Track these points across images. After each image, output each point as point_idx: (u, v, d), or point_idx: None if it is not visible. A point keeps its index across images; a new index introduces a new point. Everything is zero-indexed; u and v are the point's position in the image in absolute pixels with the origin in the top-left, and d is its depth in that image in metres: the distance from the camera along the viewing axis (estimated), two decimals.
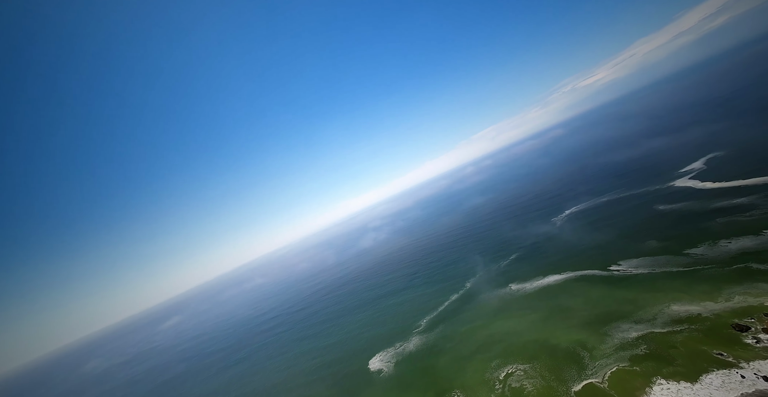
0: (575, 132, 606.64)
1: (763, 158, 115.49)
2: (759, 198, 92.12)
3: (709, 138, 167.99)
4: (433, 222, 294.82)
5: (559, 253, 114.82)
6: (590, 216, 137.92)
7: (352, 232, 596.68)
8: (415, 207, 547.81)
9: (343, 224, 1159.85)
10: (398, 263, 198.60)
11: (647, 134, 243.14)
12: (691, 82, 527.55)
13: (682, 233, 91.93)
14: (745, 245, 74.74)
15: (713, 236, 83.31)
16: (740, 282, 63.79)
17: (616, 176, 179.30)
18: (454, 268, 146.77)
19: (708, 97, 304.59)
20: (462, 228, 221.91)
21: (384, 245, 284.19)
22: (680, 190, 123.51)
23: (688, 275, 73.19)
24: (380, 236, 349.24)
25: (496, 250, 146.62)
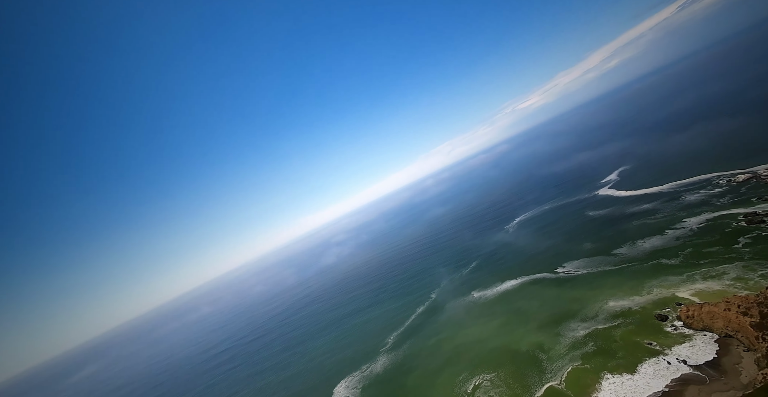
0: (519, 147, 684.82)
1: (659, 170, 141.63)
2: (660, 203, 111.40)
3: (619, 153, 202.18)
4: (397, 234, 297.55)
5: (514, 259, 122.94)
6: (537, 223, 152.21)
7: (315, 248, 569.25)
8: (379, 219, 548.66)
9: (305, 240, 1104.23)
10: (363, 279, 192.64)
11: (575, 149, 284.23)
12: (599, 108, 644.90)
13: (609, 236, 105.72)
14: (655, 243, 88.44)
15: (632, 237, 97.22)
16: (656, 276, 74.43)
17: (554, 186, 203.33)
18: (420, 279, 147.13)
19: (613, 120, 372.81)
20: (425, 239, 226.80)
21: (348, 260, 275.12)
22: (603, 198, 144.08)
23: (617, 272, 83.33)
24: (344, 250, 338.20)
25: (457, 259, 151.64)
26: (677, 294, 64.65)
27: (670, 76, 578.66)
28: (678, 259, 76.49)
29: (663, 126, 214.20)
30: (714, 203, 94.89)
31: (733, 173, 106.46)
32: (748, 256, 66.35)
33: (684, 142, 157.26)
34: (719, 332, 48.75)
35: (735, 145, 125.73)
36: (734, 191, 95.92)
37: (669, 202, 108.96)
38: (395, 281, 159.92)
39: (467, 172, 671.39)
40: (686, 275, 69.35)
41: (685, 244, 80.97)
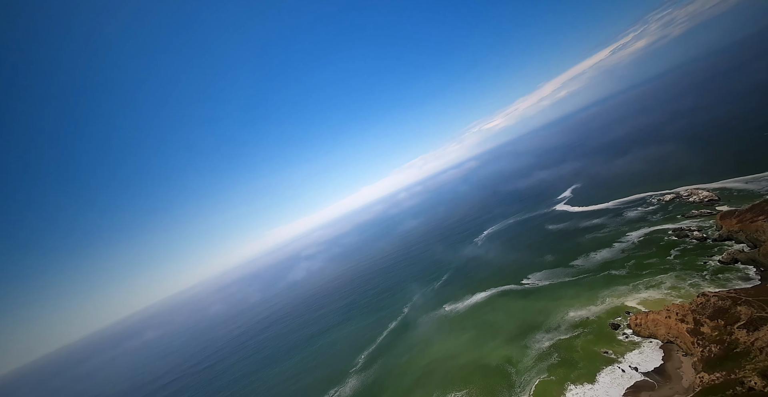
0: (486, 164, 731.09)
1: (604, 189, 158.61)
2: (607, 219, 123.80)
3: (571, 173, 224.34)
4: (370, 247, 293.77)
5: (483, 271, 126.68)
6: (503, 236, 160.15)
7: (283, 262, 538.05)
8: (352, 232, 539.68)
9: (273, 254, 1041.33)
10: (334, 294, 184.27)
11: (534, 168, 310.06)
12: (553, 132, 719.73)
13: (566, 248, 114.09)
14: (605, 256, 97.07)
15: (585, 250, 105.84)
16: (607, 286, 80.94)
17: (518, 201, 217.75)
18: (392, 294, 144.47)
19: (564, 143, 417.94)
20: (397, 252, 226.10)
21: (318, 275, 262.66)
22: (560, 213, 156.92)
23: (575, 283, 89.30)
24: (314, 265, 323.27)
25: (430, 272, 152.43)
26: (626, 303, 70.53)
27: (608, 107, 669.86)
28: (624, 270, 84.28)
29: (605, 150, 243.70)
30: (649, 218, 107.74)
31: (662, 193, 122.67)
32: (679, 267, 75.25)
33: (623, 165, 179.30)
34: (662, 339, 53.48)
35: (662, 169, 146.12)
36: (664, 209, 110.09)
37: (614, 217, 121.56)
38: (367, 296, 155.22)
39: (439, 186, 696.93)
40: (632, 285, 76.31)
41: (629, 256, 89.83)
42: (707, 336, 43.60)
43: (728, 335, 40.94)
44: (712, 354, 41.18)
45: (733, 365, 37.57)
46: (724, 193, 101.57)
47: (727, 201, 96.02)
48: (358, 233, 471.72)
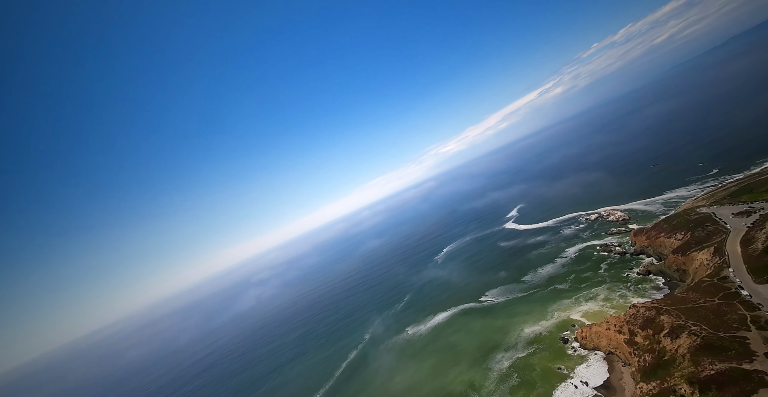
0: (443, 184, 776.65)
1: (545, 208, 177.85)
2: (549, 236, 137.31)
3: (517, 193, 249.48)
4: (330, 269, 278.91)
5: (444, 290, 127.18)
6: (462, 254, 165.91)
7: (229, 289, 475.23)
8: (311, 253, 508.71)
9: (217, 280, 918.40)
10: (287, 324, 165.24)
11: (486, 189, 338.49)
12: (499, 158, 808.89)
13: (517, 264, 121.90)
14: (550, 271, 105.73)
15: (533, 266, 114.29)
16: (555, 300, 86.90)
17: (474, 220, 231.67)
18: (353, 320, 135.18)
19: (509, 167, 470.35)
20: (359, 274, 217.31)
21: (271, 303, 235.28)
22: (510, 231, 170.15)
23: (527, 299, 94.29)
24: (266, 291, 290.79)
25: (392, 294, 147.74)
26: (571, 316, 75.86)
27: (540, 139, 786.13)
28: (567, 284, 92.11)
29: (542, 175, 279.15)
30: (581, 236, 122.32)
31: (588, 213, 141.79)
32: (609, 279, 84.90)
33: (557, 188, 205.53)
34: (605, 350, 57.64)
35: (586, 193, 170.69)
36: (591, 227, 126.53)
37: (554, 234, 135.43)
38: (325, 324, 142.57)
39: (400, 205, 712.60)
40: (574, 298, 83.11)
41: (569, 271, 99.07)
42: (641, 346, 48.01)
43: (657, 344, 45.56)
44: (646, 363, 45.01)
45: (664, 373, 41.27)
46: (632, 214, 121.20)
47: (635, 220, 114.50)
48: (317, 254, 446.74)
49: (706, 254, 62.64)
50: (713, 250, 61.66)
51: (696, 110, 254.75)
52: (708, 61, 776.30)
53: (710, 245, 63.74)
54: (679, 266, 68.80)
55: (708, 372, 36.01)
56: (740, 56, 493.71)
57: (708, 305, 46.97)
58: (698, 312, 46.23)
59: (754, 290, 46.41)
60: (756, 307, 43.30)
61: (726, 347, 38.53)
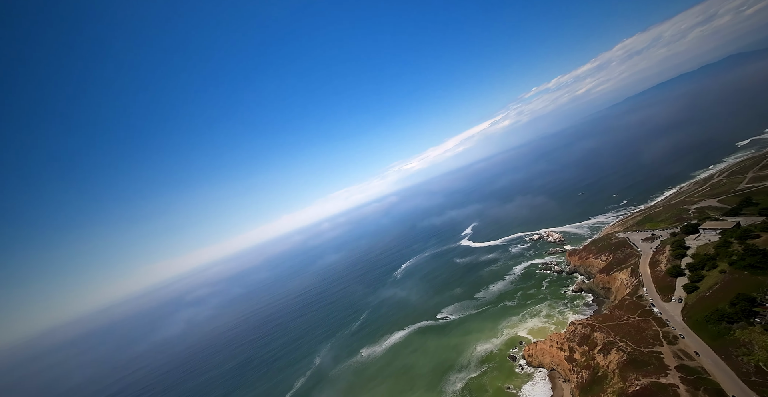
0: (405, 200, 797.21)
1: (497, 227, 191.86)
2: (499, 253, 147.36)
3: (472, 212, 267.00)
4: (282, 286, 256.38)
5: (401, 308, 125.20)
6: (419, 270, 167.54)
7: (155, 310, 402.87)
8: (262, 267, 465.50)
9: (142, 298, 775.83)
10: (224, 352, 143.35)
11: (446, 207, 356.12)
12: (457, 178, 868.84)
13: (471, 281, 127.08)
14: (500, 287, 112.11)
15: (485, 282, 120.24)
16: (504, 317, 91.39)
17: (432, 236, 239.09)
18: (302, 343, 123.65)
19: (465, 187, 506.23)
20: (313, 291, 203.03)
21: (206, 326, 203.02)
22: (464, 247, 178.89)
23: (480, 316, 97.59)
24: (201, 312, 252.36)
25: (347, 313, 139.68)
26: (519, 333, 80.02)
27: (491, 164, 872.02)
28: (515, 301, 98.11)
29: (494, 196, 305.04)
30: (526, 254, 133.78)
31: (531, 233, 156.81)
32: (549, 296, 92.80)
33: (507, 209, 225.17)
34: (548, 367, 61.13)
35: (530, 214, 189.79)
36: (534, 246, 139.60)
37: (503, 252, 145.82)
38: (270, 349, 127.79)
39: (362, 218, 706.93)
40: (521, 315, 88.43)
41: (516, 288, 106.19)
42: (579, 362, 51.90)
43: (592, 360, 49.69)
44: (583, 380, 48.47)
45: (598, 389, 44.71)
46: (566, 235, 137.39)
47: (569, 241, 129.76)
48: (269, 268, 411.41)
49: (625, 274, 72.57)
50: (630, 271, 71.81)
51: (609, 150, 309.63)
52: (612, 112, 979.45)
53: (628, 267, 74.25)
54: (605, 284, 78.40)
55: (634, 388, 39.84)
56: (633, 112, 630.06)
57: (630, 322, 53.43)
58: (623, 329, 52.15)
59: (662, 308, 54.45)
60: (665, 323, 50.52)
61: (646, 362, 43.49)
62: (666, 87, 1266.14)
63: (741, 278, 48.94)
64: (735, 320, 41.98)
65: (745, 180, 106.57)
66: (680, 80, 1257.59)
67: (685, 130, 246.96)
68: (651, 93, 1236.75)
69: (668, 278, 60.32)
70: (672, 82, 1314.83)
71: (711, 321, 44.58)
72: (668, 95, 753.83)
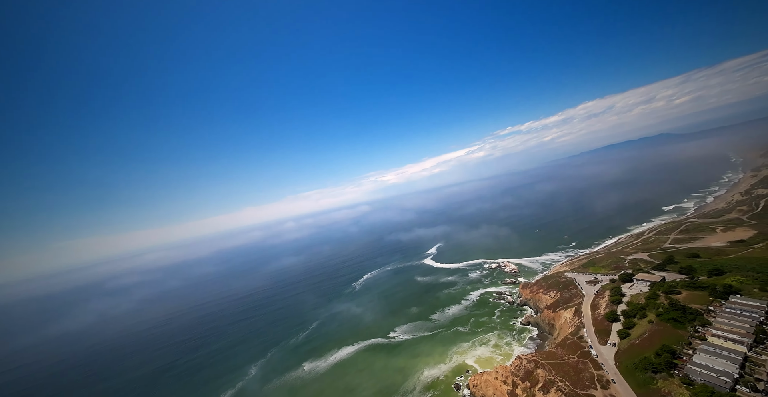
0: (376, 210, 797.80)
1: (460, 251, 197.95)
2: (458, 277, 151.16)
3: (439, 233, 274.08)
4: (227, 284, 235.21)
5: (356, 322, 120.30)
6: (379, 283, 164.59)
7: (65, 294, 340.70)
8: (210, 260, 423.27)
9: (52, 279, 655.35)
10: (139, 355, 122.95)
11: (416, 224, 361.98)
12: (429, 197, 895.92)
13: (428, 301, 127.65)
14: (455, 311, 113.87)
15: (442, 304, 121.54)
16: (455, 342, 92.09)
17: (397, 251, 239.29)
18: (238, 350, 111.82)
19: (436, 208, 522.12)
20: (262, 294, 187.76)
21: (122, 322, 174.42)
22: (427, 266, 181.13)
23: (431, 338, 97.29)
24: (121, 304, 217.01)
25: (296, 321, 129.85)
26: (466, 361, 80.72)
27: (463, 189, 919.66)
28: (467, 327, 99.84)
29: (461, 221, 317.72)
30: (483, 281, 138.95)
31: (491, 261, 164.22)
32: (499, 326, 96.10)
33: (472, 235, 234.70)
34: None
35: (492, 243, 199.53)
36: (491, 274, 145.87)
37: (462, 276, 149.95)
38: (198, 355, 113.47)
39: (330, 223, 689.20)
40: (471, 342, 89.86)
41: (470, 314, 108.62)
42: None
43: None
44: None
45: None
46: (521, 268, 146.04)
47: (523, 274, 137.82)
48: (218, 263, 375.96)
49: (569, 313, 77.94)
50: (574, 311, 77.37)
51: (566, 195, 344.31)
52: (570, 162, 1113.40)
53: (572, 306, 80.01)
54: (551, 320, 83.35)
55: None
56: (587, 165, 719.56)
57: (570, 362, 56.60)
58: (563, 368, 54.95)
59: (599, 351, 58.78)
60: (600, 366, 54.35)
61: None
62: (613, 149, 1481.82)
63: (665, 329, 54.99)
64: (658, 370, 46.43)
65: (668, 240, 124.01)
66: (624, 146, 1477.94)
67: (625, 190, 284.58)
68: (601, 151, 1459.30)
69: (606, 322, 65.88)
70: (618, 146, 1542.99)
71: (638, 369, 48.85)
72: (615, 157, 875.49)
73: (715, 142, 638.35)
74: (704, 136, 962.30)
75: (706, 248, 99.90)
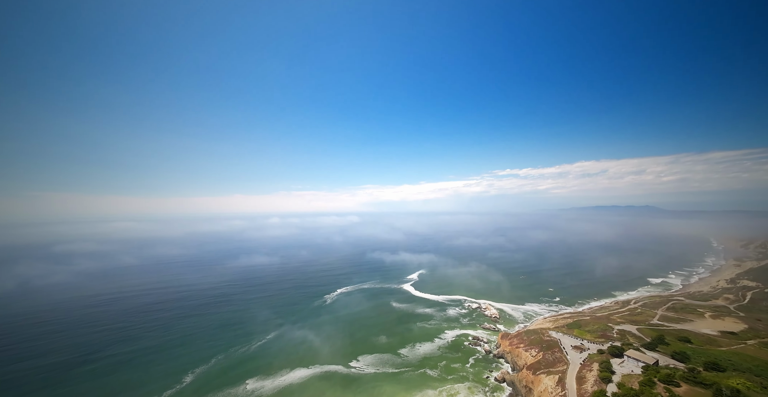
0: (365, 223, 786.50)
1: (442, 283, 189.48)
2: (436, 311, 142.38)
3: (424, 260, 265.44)
4: (188, 272, 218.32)
5: (315, 341, 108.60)
6: (353, 301, 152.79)
7: None
8: (179, 241, 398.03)
9: None
10: (59, 336, 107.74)
11: (402, 246, 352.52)
12: (420, 221, 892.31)
13: (400, 332, 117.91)
14: (426, 350, 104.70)
15: (413, 339, 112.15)
16: (420, 388, 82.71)
17: (378, 269, 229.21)
18: (177, 353, 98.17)
19: (425, 234, 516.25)
20: (222, 290, 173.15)
21: (49, 294, 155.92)
22: (405, 293, 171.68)
23: (396, 377, 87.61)
24: (57, 275, 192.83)
25: (252, 329, 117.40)
26: None
27: (456, 219, 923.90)
28: (437, 371, 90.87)
29: (448, 251, 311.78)
30: (461, 321, 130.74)
31: (472, 300, 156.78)
32: (472, 377, 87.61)
33: (458, 269, 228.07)
34: None
35: (477, 282, 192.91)
36: (470, 315, 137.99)
37: (440, 311, 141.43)
38: (130, 349, 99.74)
39: (315, 227, 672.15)
40: (439, 391, 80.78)
41: (442, 356, 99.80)
42: None
43: None
44: None
45: None
46: (502, 314, 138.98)
47: (504, 321, 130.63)
48: (188, 246, 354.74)
49: (551, 380, 70.97)
50: (557, 379, 70.51)
51: (555, 246, 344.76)
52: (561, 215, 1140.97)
53: (556, 373, 73.20)
54: (529, 384, 75.87)
55: None
56: (577, 221, 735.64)
57: None
58: None
59: None
60: None
61: None
62: (601, 210, 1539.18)
63: None
64: None
65: (656, 316, 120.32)
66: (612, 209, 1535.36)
67: (614, 254, 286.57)
68: (590, 210, 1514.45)
69: None
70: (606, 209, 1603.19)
71: None
72: (604, 218, 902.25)
73: (697, 224, 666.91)
74: (687, 217, 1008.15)
75: (696, 334, 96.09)
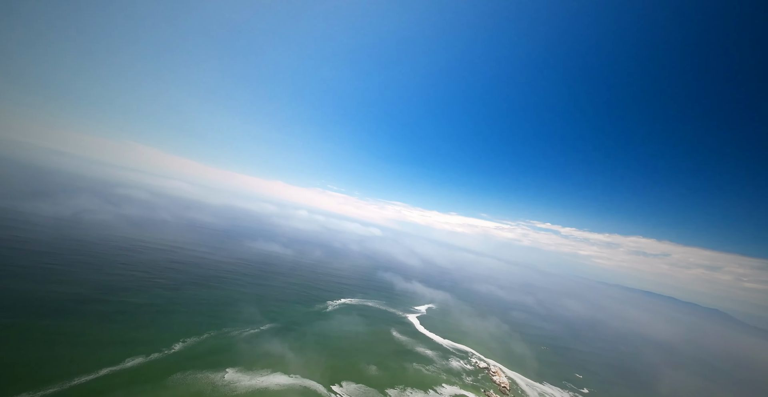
0: (386, 239, 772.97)
1: (452, 327, 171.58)
2: (437, 356, 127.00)
3: (437, 295, 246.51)
4: (211, 239, 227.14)
5: (304, 348, 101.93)
6: (354, 314, 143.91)
7: (67, 176, 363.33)
8: (215, 211, 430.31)
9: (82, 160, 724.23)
10: (83, 269, 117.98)
11: (417, 275, 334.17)
12: (442, 252, 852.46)
13: (393, 367, 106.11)
14: None
15: (405, 382, 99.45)
16: None
17: (385, 291, 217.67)
18: (181, 314, 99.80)
19: (445, 268, 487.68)
20: (237, 266, 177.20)
21: (97, 229, 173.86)
22: (409, 324, 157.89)
23: None
24: (104, 212, 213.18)
25: (251, 313, 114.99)
26: None
27: (479, 261, 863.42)
28: None
29: (468, 297, 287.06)
30: (464, 378, 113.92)
31: (480, 358, 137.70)
32: None
33: (474, 318, 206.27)
34: None
35: (489, 338, 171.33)
36: (475, 374, 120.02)
37: (442, 358, 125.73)
38: (138, 301, 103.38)
39: (337, 230, 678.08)
40: None
41: None
42: None
43: None
44: None
45: None
46: (513, 385, 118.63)
47: (513, 394, 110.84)
48: (220, 217, 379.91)
49: None
50: None
51: (593, 326, 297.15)
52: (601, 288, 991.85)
53: None
54: None
55: None
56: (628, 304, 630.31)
57: None
58: None
59: None
60: None
61: None
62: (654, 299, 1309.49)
63: None
64: None
65: None
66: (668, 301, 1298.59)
67: (678, 363, 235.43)
68: (639, 294, 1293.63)
69: None
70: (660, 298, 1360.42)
71: None
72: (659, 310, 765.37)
73: None
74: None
75: None
